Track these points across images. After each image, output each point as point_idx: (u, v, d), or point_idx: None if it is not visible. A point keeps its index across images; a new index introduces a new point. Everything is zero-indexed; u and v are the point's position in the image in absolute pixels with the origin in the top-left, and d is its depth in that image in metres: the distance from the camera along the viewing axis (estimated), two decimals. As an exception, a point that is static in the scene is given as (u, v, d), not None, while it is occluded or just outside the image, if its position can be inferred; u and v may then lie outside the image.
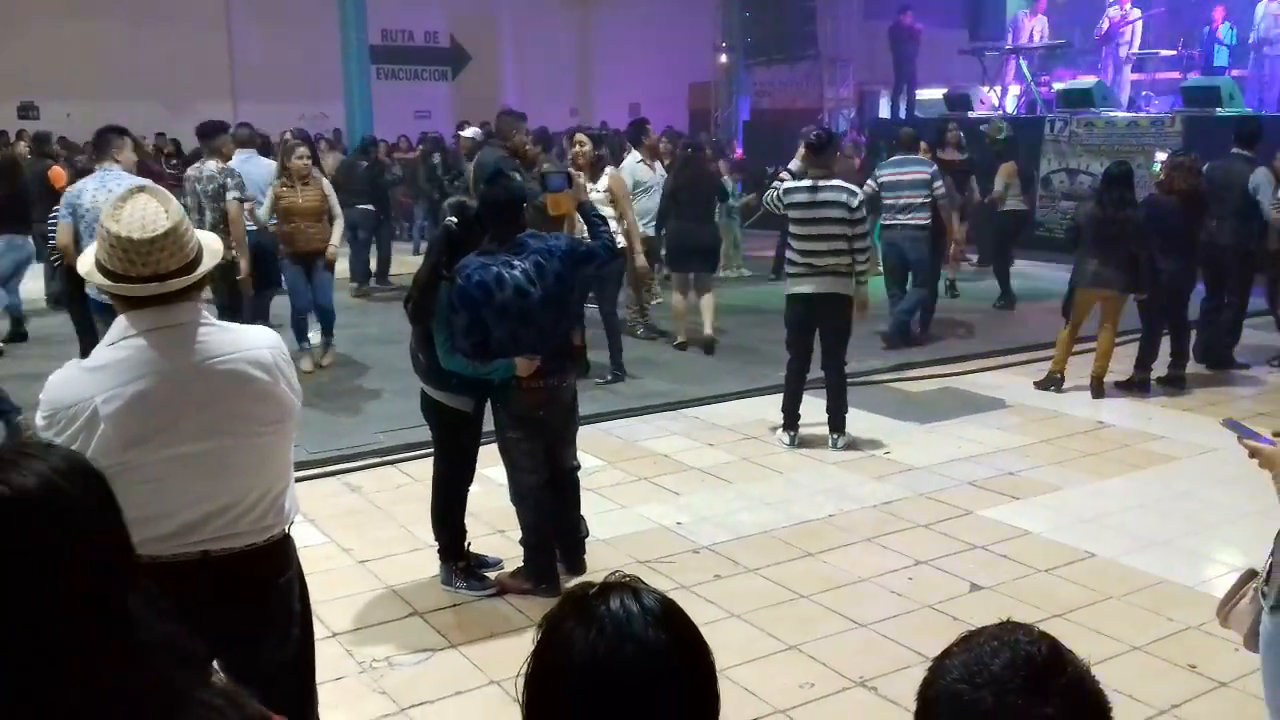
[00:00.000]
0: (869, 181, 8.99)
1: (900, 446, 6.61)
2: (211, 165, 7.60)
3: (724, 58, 21.75)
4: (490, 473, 5.44)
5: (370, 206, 11.47)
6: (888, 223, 8.96)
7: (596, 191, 7.49)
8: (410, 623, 4.40)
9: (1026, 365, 8.50)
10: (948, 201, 9.07)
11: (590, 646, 1.24)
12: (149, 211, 2.21)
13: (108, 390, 2.19)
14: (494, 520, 5.23)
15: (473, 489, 4.82)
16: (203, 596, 2.11)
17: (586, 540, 4.86)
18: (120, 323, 2.26)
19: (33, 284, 10.51)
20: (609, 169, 8.38)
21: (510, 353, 4.30)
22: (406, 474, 6.15)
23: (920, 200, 8.76)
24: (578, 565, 4.73)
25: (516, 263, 4.29)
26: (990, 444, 6.66)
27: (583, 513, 4.88)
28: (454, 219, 4.43)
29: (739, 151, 18.17)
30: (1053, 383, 7.77)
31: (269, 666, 2.44)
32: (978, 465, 6.25)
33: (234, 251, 7.22)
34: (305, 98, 17.95)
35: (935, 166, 9.07)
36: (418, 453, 6.24)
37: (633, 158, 9.22)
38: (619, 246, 4.72)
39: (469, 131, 12.87)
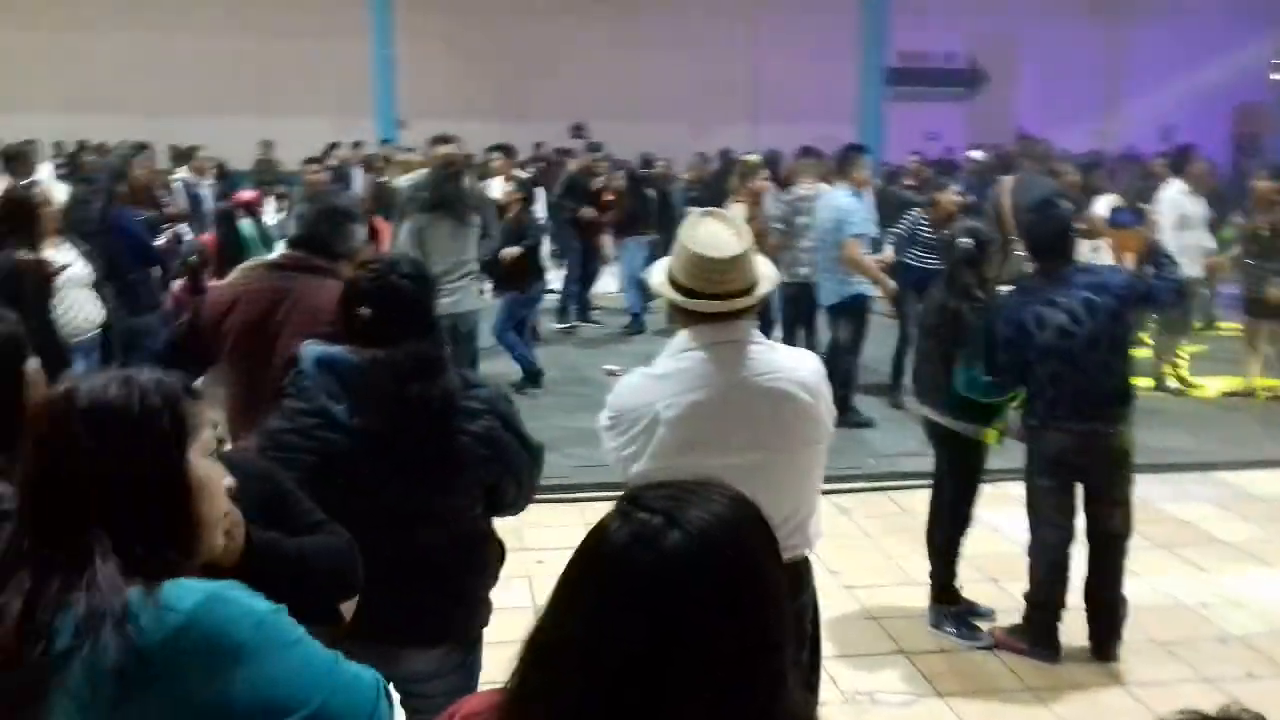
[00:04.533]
0: None
1: None
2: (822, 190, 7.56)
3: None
4: (987, 515, 5.16)
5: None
6: None
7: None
8: (896, 660, 4.28)
9: None
10: None
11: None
12: (721, 233, 2.32)
13: (669, 398, 2.32)
14: (988, 567, 4.95)
15: (970, 532, 4.59)
16: None
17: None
18: (683, 336, 2.38)
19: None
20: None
21: (1048, 394, 4.04)
22: (896, 503, 6.03)
23: None
24: (1107, 650, 4.21)
25: (1059, 299, 4.00)
26: None
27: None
28: (969, 240, 4.42)
29: None
30: None
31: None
32: None
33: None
34: (818, 119, 18.37)
35: None
36: (908, 483, 6.11)
37: (1175, 188, 8.30)
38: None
39: (977, 154, 12.48)
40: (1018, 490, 4.40)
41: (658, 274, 2.43)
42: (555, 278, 10.73)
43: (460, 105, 18.13)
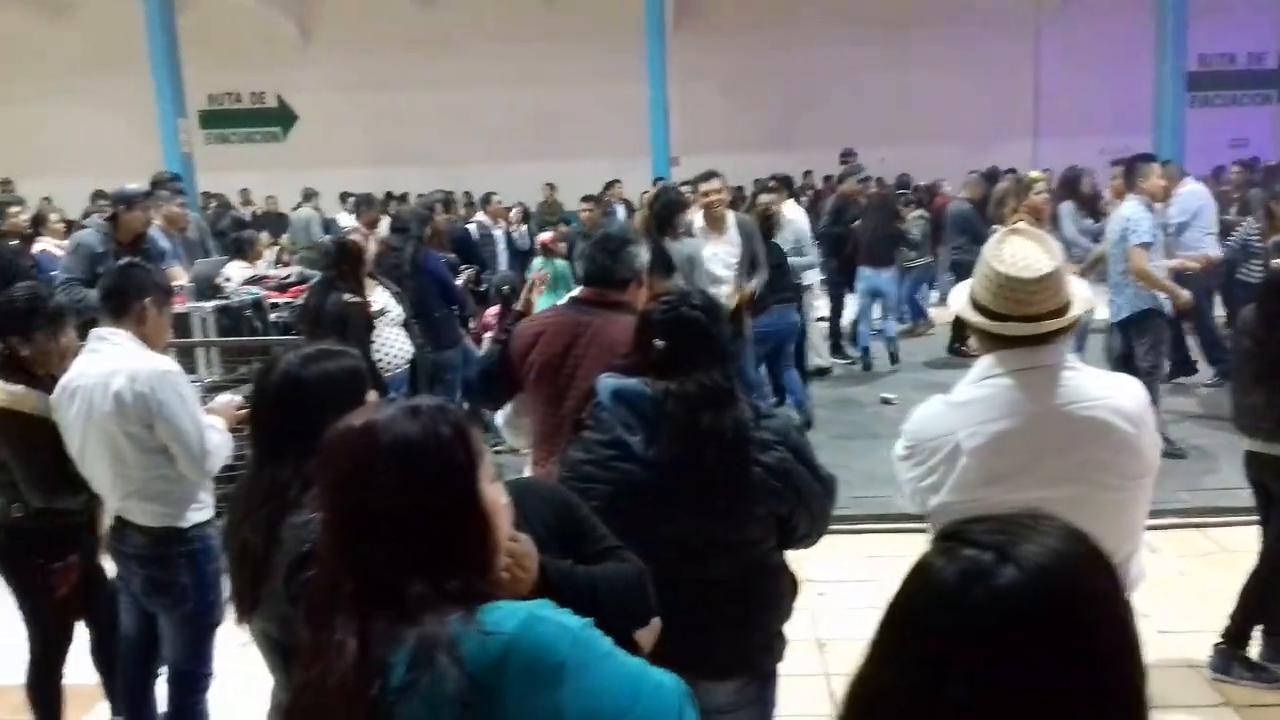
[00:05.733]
0: None
1: None
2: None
3: None
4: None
5: None
6: None
7: None
8: (1222, 714, 3.92)
9: None
10: None
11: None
12: (1030, 252, 2.19)
13: (971, 427, 2.20)
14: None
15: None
16: None
17: None
18: (986, 361, 2.27)
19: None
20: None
21: None
22: (1214, 540, 5.53)
23: None
24: None
25: None
26: None
27: None
28: None
29: None
30: None
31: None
32: None
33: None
34: (1108, 130, 17.29)
35: None
36: (1227, 519, 5.61)
37: None
38: None
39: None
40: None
41: (959, 296, 2.34)
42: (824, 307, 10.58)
43: (731, 139, 18.42)
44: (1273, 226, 6.76)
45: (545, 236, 9.07)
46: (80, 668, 3.76)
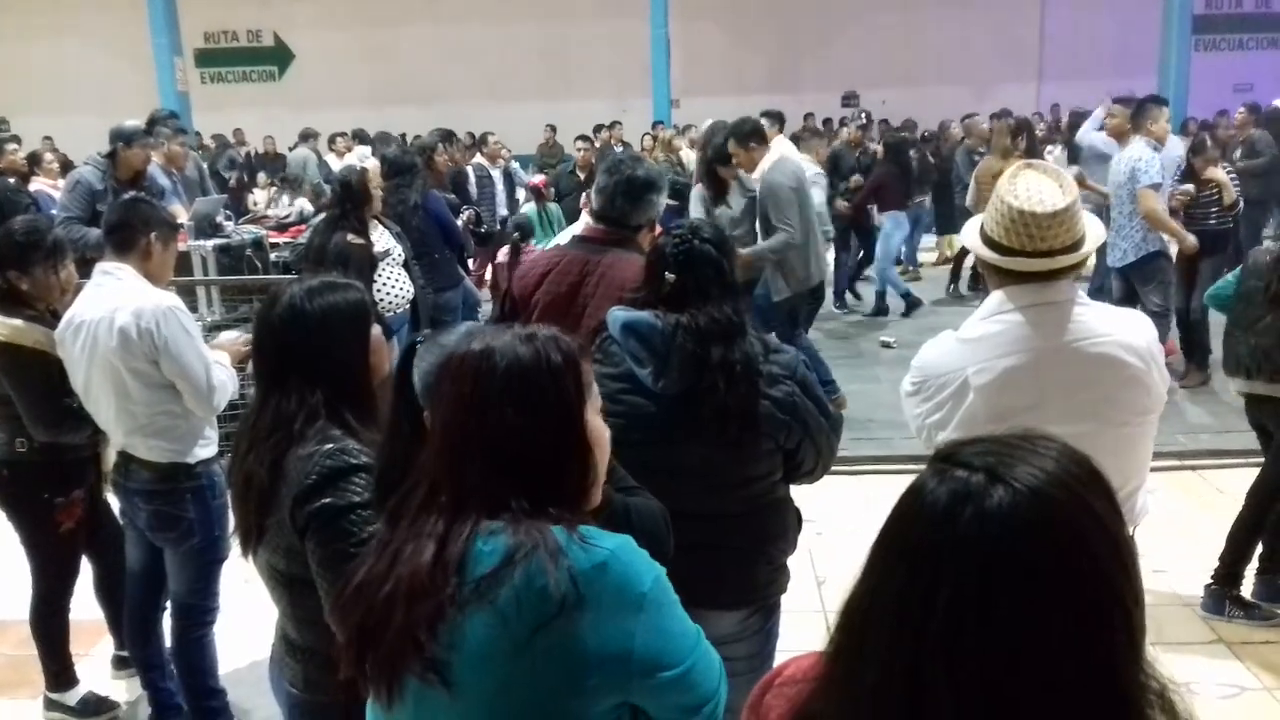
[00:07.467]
0: None
1: None
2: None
3: None
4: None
5: None
6: None
7: None
8: (1215, 650, 3.97)
9: None
10: None
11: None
12: (1045, 186, 2.17)
13: (980, 363, 2.20)
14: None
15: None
16: None
17: None
18: (996, 296, 2.26)
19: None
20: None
21: None
22: (1209, 482, 5.58)
23: None
24: None
25: None
26: None
27: None
28: None
29: None
30: None
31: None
32: None
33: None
34: (1113, 73, 17.10)
35: None
36: (1222, 461, 5.67)
37: None
38: None
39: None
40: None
41: (970, 231, 2.32)
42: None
43: (732, 81, 18.22)
44: (1194, 181, 6.98)
45: (536, 179, 9.01)
46: (85, 603, 3.79)
